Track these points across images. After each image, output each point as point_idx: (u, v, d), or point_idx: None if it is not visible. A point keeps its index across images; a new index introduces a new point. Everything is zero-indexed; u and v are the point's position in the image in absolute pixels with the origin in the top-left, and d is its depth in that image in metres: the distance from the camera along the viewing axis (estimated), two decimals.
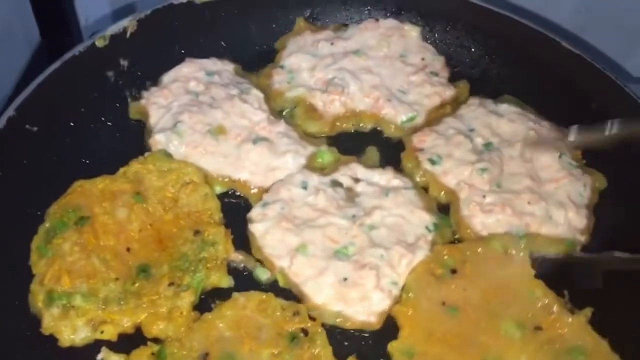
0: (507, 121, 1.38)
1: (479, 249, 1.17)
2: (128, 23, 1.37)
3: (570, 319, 1.10)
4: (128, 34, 1.37)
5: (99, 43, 1.34)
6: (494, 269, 1.15)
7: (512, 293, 1.12)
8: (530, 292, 1.13)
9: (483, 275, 1.14)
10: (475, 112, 1.41)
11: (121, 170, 1.23)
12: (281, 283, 1.16)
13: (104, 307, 1.05)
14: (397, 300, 1.13)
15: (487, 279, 1.14)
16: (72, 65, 1.29)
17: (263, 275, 1.17)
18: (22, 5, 1.68)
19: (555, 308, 1.11)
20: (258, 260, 1.18)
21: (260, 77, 1.48)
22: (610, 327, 1.10)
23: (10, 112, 1.19)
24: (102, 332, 1.04)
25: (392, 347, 1.07)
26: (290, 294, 1.14)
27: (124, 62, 1.38)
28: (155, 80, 1.41)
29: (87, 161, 1.28)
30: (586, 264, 1.18)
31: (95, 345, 1.04)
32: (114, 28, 1.36)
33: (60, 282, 1.06)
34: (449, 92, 1.45)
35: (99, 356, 1.04)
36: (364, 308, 1.12)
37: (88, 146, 1.30)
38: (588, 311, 1.12)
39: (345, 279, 1.13)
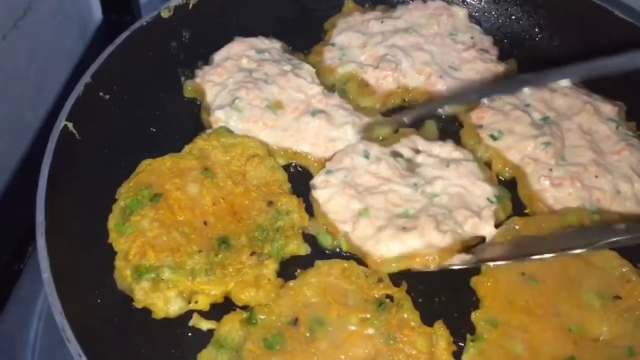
0: (561, 95, 1.48)
1: (554, 223, 1.24)
2: None
3: None
4: (190, 6, 1.43)
5: (164, 14, 1.41)
6: None
7: (589, 264, 1.20)
8: (608, 262, 1.20)
9: None
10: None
11: (186, 147, 1.30)
12: (345, 247, 1.24)
13: (192, 278, 1.12)
14: (457, 245, 1.20)
15: None
16: (140, 34, 1.37)
17: (327, 241, 1.25)
18: None
19: (633, 277, 1.18)
20: (323, 226, 1.25)
21: (312, 54, 1.57)
22: None
23: (86, 78, 1.25)
24: (195, 302, 1.11)
25: (476, 316, 1.15)
26: (356, 260, 1.21)
27: (185, 33, 1.46)
28: (206, 60, 1.48)
29: (151, 137, 1.33)
30: None
31: (188, 316, 1.11)
32: None
33: (146, 256, 1.13)
34: (499, 68, 1.54)
35: (190, 322, 1.10)
36: (422, 244, 1.19)
37: (151, 121, 1.36)
38: None
39: (404, 228, 1.21)
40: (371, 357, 1.06)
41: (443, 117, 1.46)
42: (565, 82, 1.49)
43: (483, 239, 1.23)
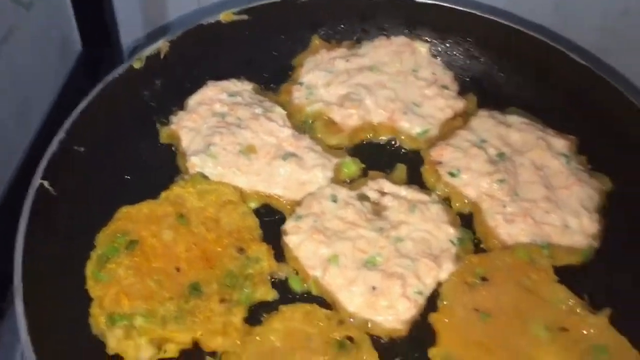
0: (516, 131, 1.47)
1: (507, 259, 1.24)
2: (162, 44, 1.42)
3: (592, 319, 1.18)
4: (162, 55, 1.42)
5: (136, 64, 1.39)
6: (521, 276, 1.22)
7: (538, 298, 1.20)
8: (555, 295, 1.21)
9: (511, 282, 1.22)
10: (486, 123, 1.49)
11: (163, 194, 1.29)
12: (314, 291, 1.24)
13: (163, 325, 1.11)
14: (422, 310, 1.21)
15: (516, 286, 1.21)
16: (113, 86, 1.36)
17: (297, 285, 1.24)
18: (64, 16, 1.77)
19: (578, 310, 1.19)
20: (294, 271, 1.25)
21: (281, 93, 1.55)
22: (629, 325, 1.18)
23: (60, 134, 1.25)
24: (165, 351, 1.11)
25: (432, 353, 1.15)
26: (323, 302, 1.21)
27: (157, 81, 1.45)
28: (180, 105, 1.47)
29: (128, 185, 1.33)
30: None
31: None
32: (150, 49, 1.41)
33: (120, 304, 1.12)
34: (459, 104, 1.53)
35: None
36: (391, 316, 1.20)
37: (127, 169, 1.35)
38: (607, 311, 1.20)
39: (374, 288, 1.21)
40: None
41: (406, 153, 1.47)
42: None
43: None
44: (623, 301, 1.22)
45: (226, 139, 1.39)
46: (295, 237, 1.28)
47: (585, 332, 1.17)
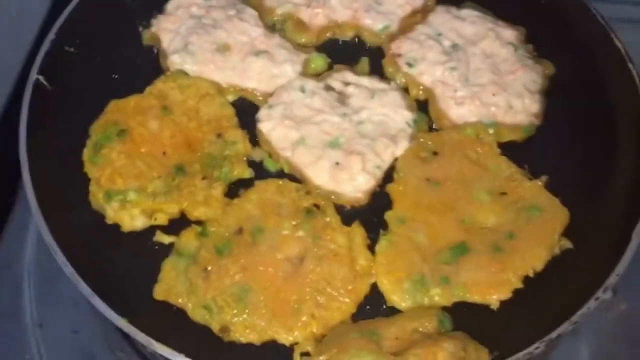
0: (469, 23, 1.57)
1: (455, 135, 1.38)
2: None
3: (528, 184, 1.33)
4: None
5: None
6: (468, 150, 1.36)
7: (482, 168, 1.35)
8: (497, 166, 1.35)
9: (459, 155, 1.36)
10: (442, 18, 1.59)
11: (147, 89, 1.41)
12: (286, 169, 1.38)
13: (153, 199, 1.26)
14: (380, 182, 1.35)
15: (463, 158, 1.35)
16: None
17: (271, 165, 1.39)
18: None
19: (517, 177, 1.33)
20: (267, 153, 1.39)
21: None
22: (561, 189, 1.33)
23: (51, 35, 1.35)
24: (155, 219, 1.26)
25: (388, 215, 1.29)
26: (294, 178, 1.36)
27: None
28: (160, 9, 1.56)
29: (116, 82, 1.44)
30: None
31: (151, 230, 1.27)
32: None
33: (114, 182, 1.26)
34: (418, 1, 1.63)
35: (154, 238, 1.26)
36: (352, 187, 1.34)
37: (115, 68, 1.46)
38: (544, 178, 1.34)
39: (337, 164, 1.35)
40: (302, 253, 1.22)
41: (369, 48, 1.58)
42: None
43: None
44: (557, 170, 1.37)
45: (203, 38, 1.49)
46: (267, 123, 1.41)
47: (522, 194, 1.32)
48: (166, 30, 1.52)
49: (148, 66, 1.49)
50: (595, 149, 1.40)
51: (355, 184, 1.34)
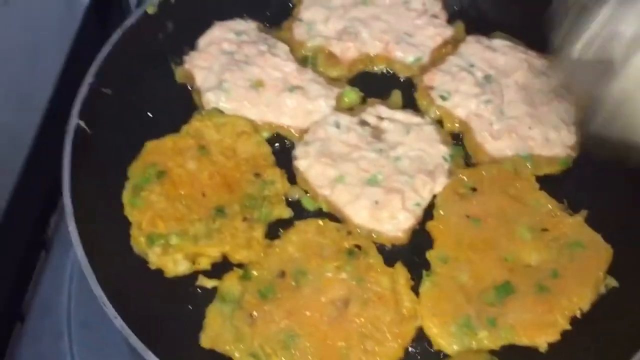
0: (501, 54, 1.56)
1: (494, 170, 1.36)
2: None
3: (569, 220, 1.31)
4: (172, 0, 1.50)
5: (150, 10, 1.48)
6: (507, 185, 1.35)
7: (522, 204, 1.33)
8: (536, 201, 1.33)
9: (498, 191, 1.34)
10: (473, 48, 1.58)
11: (184, 128, 1.40)
12: (324, 208, 1.36)
13: (195, 242, 1.24)
14: (420, 219, 1.34)
15: (502, 194, 1.34)
16: (131, 31, 1.44)
17: (310, 204, 1.37)
18: None
19: (557, 212, 1.32)
20: (305, 191, 1.37)
21: (283, 30, 1.63)
22: (603, 224, 1.31)
23: (89, 79, 1.34)
24: (198, 263, 1.24)
25: (430, 255, 1.28)
26: (333, 217, 1.34)
27: (169, 24, 1.52)
28: (191, 45, 1.55)
29: (151, 121, 1.43)
30: None
31: (194, 274, 1.25)
32: None
33: (156, 226, 1.25)
34: (448, 32, 1.62)
35: (197, 282, 1.24)
36: (393, 226, 1.32)
37: (150, 107, 1.45)
38: (584, 213, 1.32)
39: (376, 202, 1.33)
40: (346, 296, 1.20)
41: (401, 80, 1.57)
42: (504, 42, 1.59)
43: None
44: (598, 204, 1.35)
45: (236, 75, 1.48)
46: (304, 161, 1.39)
47: (563, 230, 1.30)
48: (199, 68, 1.51)
49: (182, 104, 1.48)
50: (634, 180, 1.38)
51: (396, 223, 1.32)
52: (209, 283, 1.24)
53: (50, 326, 1.43)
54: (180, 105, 1.48)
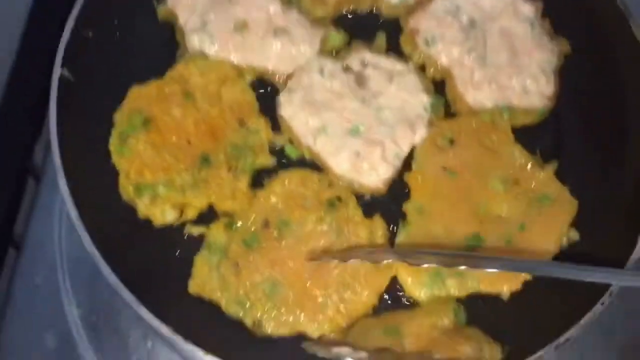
0: None
1: (472, 122, 1.40)
2: None
3: (539, 174, 1.36)
4: None
5: None
6: (484, 137, 1.39)
7: (497, 156, 1.37)
8: (511, 153, 1.38)
9: (475, 143, 1.38)
10: None
11: (168, 73, 1.40)
12: (307, 156, 1.40)
13: (182, 193, 1.29)
14: (399, 170, 1.38)
15: (478, 146, 1.38)
16: None
17: (293, 152, 1.40)
18: None
19: (529, 165, 1.37)
20: (289, 139, 1.41)
21: None
22: (571, 175, 1.38)
23: (70, 23, 1.31)
24: (185, 214, 1.29)
25: (407, 206, 1.34)
26: (315, 166, 1.38)
27: None
28: None
29: (135, 64, 1.42)
30: None
31: (182, 224, 1.30)
32: None
33: (143, 176, 1.29)
34: None
35: (185, 230, 1.29)
36: (373, 177, 1.37)
37: (133, 49, 1.43)
38: (554, 164, 1.38)
39: (357, 154, 1.37)
40: (326, 247, 1.27)
41: (387, 21, 1.55)
42: None
43: None
44: (568, 155, 1.41)
45: (220, 16, 1.46)
46: (288, 109, 1.41)
47: (533, 184, 1.36)
48: (182, 6, 1.48)
49: (165, 44, 1.47)
50: (607, 136, 1.43)
51: (376, 174, 1.37)
52: (196, 230, 1.30)
53: (43, 258, 1.49)
54: (165, 46, 1.46)
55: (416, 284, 1.27)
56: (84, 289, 1.43)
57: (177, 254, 1.29)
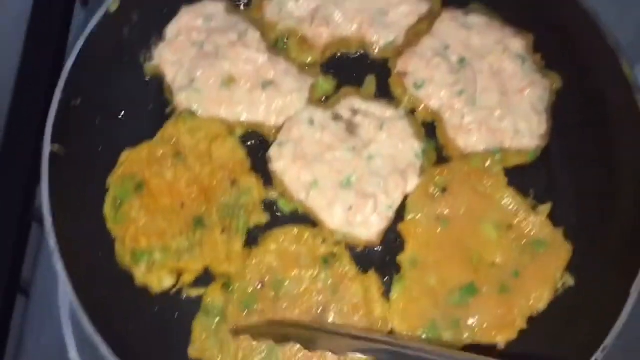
0: (477, 33, 1.53)
1: (463, 168, 1.39)
2: None
3: (533, 218, 1.36)
4: None
5: (113, 7, 1.41)
6: (476, 183, 1.38)
7: (490, 201, 1.37)
8: (504, 198, 1.38)
9: (467, 189, 1.38)
10: (449, 27, 1.55)
11: (158, 134, 1.41)
12: (301, 211, 1.40)
13: (178, 258, 1.30)
14: (392, 221, 1.38)
15: (471, 192, 1.38)
16: (95, 33, 1.39)
17: (286, 206, 1.41)
18: None
19: (523, 209, 1.36)
20: (281, 194, 1.41)
21: (253, 10, 1.58)
22: (565, 216, 1.38)
23: (58, 95, 1.32)
24: (182, 280, 1.32)
25: (401, 258, 1.34)
26: (309, 220, 1.39)
27: (134, 17, 1.46)
28: (159, 35, 1.51)
29: (125, 126, 1.43)
30: None
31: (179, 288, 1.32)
32: None
33: (138, 242, 1.30)
34: (424, 7, 1.57)
35: (184, 293, 1.32)
36: (366, 230, 1.37)
37: (121, 109, 1.45)
38: (548, 206, 1.38)
39: (350, 207, 1.38)
40: (322, 305, 1.29)
41: (376, 63, 1.55)
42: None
43: None
44: (562, 195, 1.41)
45: (207, 71, 1.46)
46: (279, 163, 1.42)
47: (527, 228, 1.36)
48: (169, 63, 1.49)
49: (155, 101, 1.48)
50: (598, 172, 1.42)
51: (369, 227, 1.37)
52: (194, 292, 1.32)
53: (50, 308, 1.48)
54: (154, 104, 1.47)
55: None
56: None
57: (175, 316, 1.31)
